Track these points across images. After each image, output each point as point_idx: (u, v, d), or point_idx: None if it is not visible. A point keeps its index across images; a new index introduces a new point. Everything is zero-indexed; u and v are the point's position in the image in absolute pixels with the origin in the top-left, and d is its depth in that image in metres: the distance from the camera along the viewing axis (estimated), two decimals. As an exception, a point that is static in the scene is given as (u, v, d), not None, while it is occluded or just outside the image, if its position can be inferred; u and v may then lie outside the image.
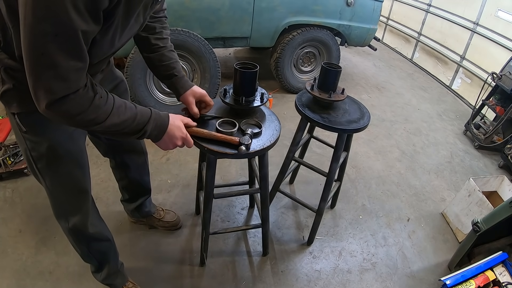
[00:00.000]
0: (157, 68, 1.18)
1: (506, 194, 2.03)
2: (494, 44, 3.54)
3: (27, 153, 0.98)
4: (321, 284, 1.63)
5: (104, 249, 1.31)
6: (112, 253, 1.35)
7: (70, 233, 1.19)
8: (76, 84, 0.72)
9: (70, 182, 1.07)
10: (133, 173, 1.50)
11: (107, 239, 1.31)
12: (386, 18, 5.69)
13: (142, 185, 1.58)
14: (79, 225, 1.17)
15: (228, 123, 1.20)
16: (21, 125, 0.92)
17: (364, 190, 2.29)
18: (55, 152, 0.98)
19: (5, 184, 1.98)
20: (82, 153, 1.08)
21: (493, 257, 1.51)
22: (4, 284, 1.46)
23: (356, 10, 3.19)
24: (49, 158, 0.98)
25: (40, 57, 0.66)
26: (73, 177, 1.07)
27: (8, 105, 0.89)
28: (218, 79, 2.75)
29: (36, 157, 0.98)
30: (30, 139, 0.95)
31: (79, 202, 1.13)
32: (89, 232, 1.20)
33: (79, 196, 1.12)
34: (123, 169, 1.48)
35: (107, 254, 1.33)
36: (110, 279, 1.39)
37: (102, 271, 1.36)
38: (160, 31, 1.14)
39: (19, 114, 0.90)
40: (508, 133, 2.73)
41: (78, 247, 1.25)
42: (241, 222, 1.93)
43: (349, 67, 4.46)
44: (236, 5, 2.77)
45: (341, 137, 1.50)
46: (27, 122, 0.92)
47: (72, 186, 1.09)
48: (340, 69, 1.46)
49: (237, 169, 2.31)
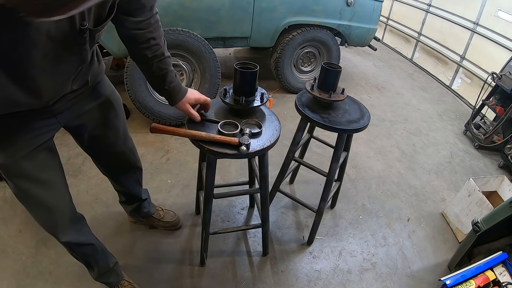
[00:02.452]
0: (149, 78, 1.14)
1: (506, 194, 2.03)
2: (494, 44, 3.54)
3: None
4: (321, 284, 1.63)
5: (88, 252, 1.29)
6: (98, 254, 1.32)
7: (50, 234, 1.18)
8: None
9: (29, 198, 1.05)
10: (123, 182, 1.48)
11: (88, 243, 1.27)
12: (386, 18, 5.69)
13: (132, 194, 1.56)
14: (50, 231, 1.15)
15: (230, 124, 1.20)
16: None
17: (364, 190, 2.29)
18: (9, 169, 0.97)
19: (5, 184, 1.97)
20: (44, 170, 1.03)
21: (493, 257, 1.51)
22: (4, 284, 1.46)
23: (356, 10, 3.19)
24: (5, 173, 0.98)
25: None
26: (31, 195, 1.03)
27: None
28: (218, 79, 2.75)
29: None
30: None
31: (43, 216, 1.11)
32: (61, 241, 1.17)
33: (41, 210, 1.09)
34: (113, 178, 1.47)
35: (92, 256, 1.30)
36: (102, 277, 1.39)
37: (94, 270, 1.36)
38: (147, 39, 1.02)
39: None
40: (508, 133, 2.73)
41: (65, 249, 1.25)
42: (241, 222, 1.93)
43: (349, 67, 4.46)
44: (236, 5, 2.77)
45: (341, 137, 1.50)
46: None
47: (32, 202, 1.06)
48: (340, 69, 1.46)
49: (237, 169, 2.31)
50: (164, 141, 2.52)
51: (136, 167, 1.46)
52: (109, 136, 1.24)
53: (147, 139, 2.50)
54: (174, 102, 1.17)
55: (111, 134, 1.24)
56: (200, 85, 2.71)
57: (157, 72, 1.09)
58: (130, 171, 1.45)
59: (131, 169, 1.44)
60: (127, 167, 1.42)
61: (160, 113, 2.54)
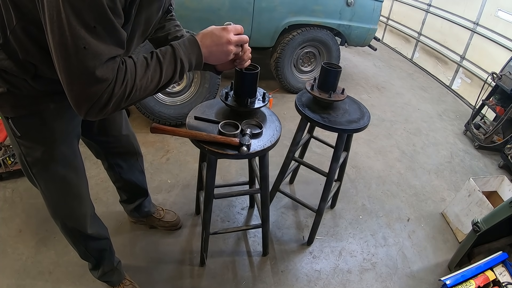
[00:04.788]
0: None
1: (506, 194, 2.03)
2: (494, 44, 3.54)
3: (21, 158, 0.97)
4: (321, 284, 1.63)
5: (102, 247, 1.32)
6: (108, 251, 1.36)
7: (67, 234, 1.20)
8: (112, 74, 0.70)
9: (65, 186, 1.06)
10: (126, 173, 1.49)
11: (104, 237, 1.32)
12: (386, 18, 5.69)
13: (137, 185, 1.57)
14: (77, 226, 1.17)
15: (230, 125, 1.20)
16: (15, 130, 0.90)
17: (364, 190, 2.29)
18: (50, 156, 0.97)
19: (5, 184, 1.98)
20: (76, 156, 1.07)
21: (493, 257, 1.51)
22: (4, 284, 1.46)
23: (356, 10, 3.19)
24: (44, 163, 0.98)
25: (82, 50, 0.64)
26: (68, 181, 1.06)
27: (1, 109, 0.88)
28: (218, 79, 2.74)
29: (31, 162, 0.97)
30: (24, 144, 0.94)
31: (74, 206, 1.13)
32: (87, 233, 1.20)
33: (74, 200, 1.11)
34: (117, 171, 1.47)
35: (104, 252, 1.34)
36: (106, 276, 1.40)
37: (99, 269, 1.37)
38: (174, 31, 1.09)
39: (13, 118, 0.89)
40: (508, 133, 2.73)
41: (76, 246, 1.26)
42: (241, 222, 1.93)
43: (349, 67, 4.46)
44: (236, 5, 2.77)
45: (341, 137, 1.50)
46: (20, 126, 0.90)
47: (67, 190, 1.08)
48: (340, 69, 1.46)
49: (237, 169, 2.31)
50: (164, 141, 2.52)
51: (138, 152, 1.49)
52: (115, 118, 1.28)
53: (147, 139, 2.50)
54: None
55: (117, 116, 1.29)
56: (200, 85, 2.71)
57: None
58: (133, 157, 1.47)
59: (133, 155, 1.47)
60: (130, 153, 1.45)
61: (160, 113, 2.54)
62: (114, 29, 0.66)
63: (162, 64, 0.80)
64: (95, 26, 0.63)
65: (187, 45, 0.85)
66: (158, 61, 0.80)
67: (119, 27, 0.68)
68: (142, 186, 1.59)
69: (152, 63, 0.79)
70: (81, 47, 0.62)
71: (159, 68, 0.79)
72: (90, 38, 0.63)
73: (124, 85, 0.73)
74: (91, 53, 0.64)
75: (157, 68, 0.79)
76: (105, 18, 0.64)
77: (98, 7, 0.62)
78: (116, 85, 0.71)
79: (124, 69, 0.73)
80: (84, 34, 0.62)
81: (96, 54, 0.64)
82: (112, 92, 0.71)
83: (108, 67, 0.68)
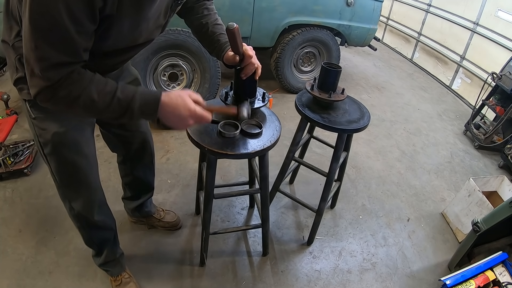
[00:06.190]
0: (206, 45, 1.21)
1: (506, 194, 2.03)
2: (494, 44, 3.54)
3: (36, 138, 1.04)
4: (321, 284, 1.63)
5: (107, 237, 1.35)
6: (111, 242, 1.39)
7: (74, 217, 1.23)
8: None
9: (74, 171, 1.10)
10: (138, 171, 1.52)
11: (110, 228, 1.36)
12: (386, 18, 5.69)
13: (145, 183, 1.59)
14: (84, 211, 1.20)
15: (230, 125, 1.21)
16: (30, 112, 0.97)
17: (364, 190, 2.29)
18: (60, 139, 1.02)
19: (5, 184, 1.98)
20: (88, 143, 1.12)
21: (493, 257, 1.51)
22: (4, 284, 1.46)
23: (356, 10, 3.19)
24: (54, 145, 1.03)
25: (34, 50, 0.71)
26: (78, 167, 1.10)
27: (20, 91, 0.94)
28: (218, 79, 2.75)
29: (43, 143, 1.03)
30: (38, 126, 1.00)
31: (82, 191, 1.16)
32: (94, 219, 1.23)
33: (82, 185, 1.15)
34: (129, 166, 1.50)
35: (108, 242, 1.37)
36: (107, 265, 1.42)
37: (101, 256, 1.39)
38: (201, 12, 1.17)
39: (30, 101, 0.95)
40: (508, 133, 2.73)
41: (81, 231, 1.29)
42: (241, 222, 1.93)
43: (349, 67, 4.46)
44: (236, 5, 2.77)
45: (341, 137, 1.50)
46: (36, 109, 0.97)
47: (76, 175, 1.12)
48: (340, 69, 1.46)
49: (237, 169, 2.31)
50: (164, 141, 2.52)
51: (152, 151, 1.52)
52: None
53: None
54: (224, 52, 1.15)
55: None
56: (200, 85, 2.71)
57: (211, 35, 1.17)
58: (146, 155, 1.49)
59: (148, 153, 1.49)
60: (145, 150, 1.47)
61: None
62: (67, 38, 0.71)
63: (113, 99, 0.81)
64: (49, 32, 0.69)
65: (147, 101, 0.85)
66: (113, 94, 0.81)
67: (77, 37, 0.72)
68: (149, 185, 1.62)
69: (107, 90, 0.81)
70: (33, 47, 0.71)
71: (110, 101, 0.81)
72: (40, 41, 0.70)
73: (68, 92, 0.77)
74: (40, 54, 0.71)
75: (107, 99, 0.80)
76: (60, 27, 0.69)
77: (55, 16, 0.67)
78: (61, 88, 0.76)
79: (76, 79, 0.77)
80: (38, 36, 0.70)
81: (44, 57, 0.71)
82: (54, 92, 0.76)
83: (55, 70, 0.73)
